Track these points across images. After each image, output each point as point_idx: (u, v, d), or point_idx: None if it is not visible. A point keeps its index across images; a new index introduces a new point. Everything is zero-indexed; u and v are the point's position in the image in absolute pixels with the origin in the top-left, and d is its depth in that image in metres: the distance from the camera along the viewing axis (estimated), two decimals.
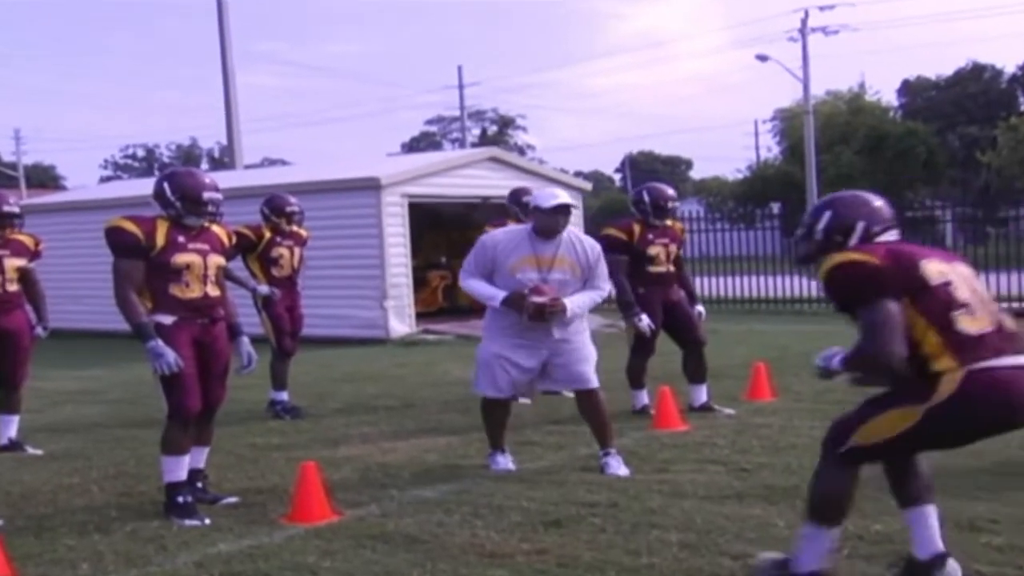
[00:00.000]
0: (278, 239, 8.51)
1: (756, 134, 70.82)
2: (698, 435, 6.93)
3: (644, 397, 7.92)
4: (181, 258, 5.13)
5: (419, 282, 16.90)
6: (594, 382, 5.95)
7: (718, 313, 19.07)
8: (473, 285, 5.85)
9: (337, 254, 15.00)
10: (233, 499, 5.49)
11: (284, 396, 8.47)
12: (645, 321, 7.63)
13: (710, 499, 5.20)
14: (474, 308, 17.98)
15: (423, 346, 14.24)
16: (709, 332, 10.02)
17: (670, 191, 7.93)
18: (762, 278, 19.63)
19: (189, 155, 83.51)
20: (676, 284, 7.95)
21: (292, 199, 8.70)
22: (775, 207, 34.25)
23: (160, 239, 5.10)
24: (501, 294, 5.74)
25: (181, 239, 5.16)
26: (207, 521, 5.07)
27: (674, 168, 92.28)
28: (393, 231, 15.03)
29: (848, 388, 3.85)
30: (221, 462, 6.51)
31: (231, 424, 8.06)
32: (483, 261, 5.83)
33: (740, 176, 56.87)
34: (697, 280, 20.30)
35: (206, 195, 5.20)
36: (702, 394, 7.94)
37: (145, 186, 21.94)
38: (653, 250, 7.78)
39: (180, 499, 5.12)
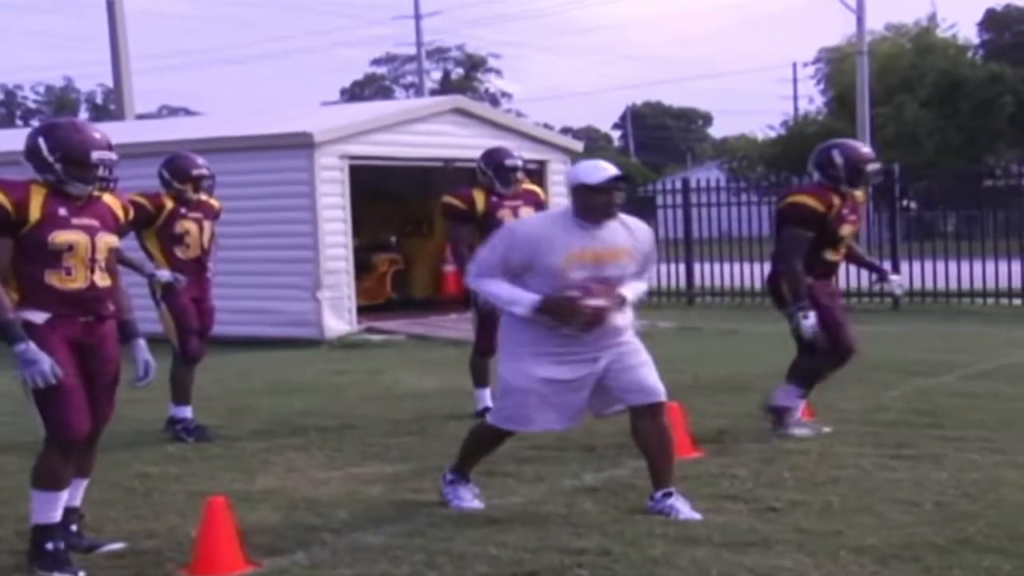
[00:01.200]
0: (183, 211, 8.52)
1: (794, 80, 71.24)
2: (714, 464, 6.97)
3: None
4: (61, 236, 5.01)
5: (362, 267, 16.92)
6: (663, 394, 5.88)
7: (740, 309, 19.22)
8: (492, 288, 5.75)
9: (258, 231, 15.01)
10: (117, 545, 5.50)
11: (187, 412, 8.51)
12: (812, 320, 7.75)
13: (728, 546, 5.23)
14: (433, 300, 18.08)
15: (366, 349, 14.27)
16: (728, 333, 10.22)
17: (867, 150, 8.27)
18: None
19: (62, 100, 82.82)
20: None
21: (200, 160, 8.72)
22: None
23: (34, 211, 4.99)
24: (532, 297, 5.62)
25: (62, 212, 5.03)
26: (82, 575, 5.06)
27: (688, 124, 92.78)
28: (329, 202, 15.04)
29: (905, 407, 3.92)
30: (103, 497, 6.49)
31: (116, 449, 8.02)
32: (513, 257, 5.67)
33: (772, 134, 57.06)
34: (716, 267, 20.49)
35: (95, 155, 5.08)
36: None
37: (11, 140, 21.97)
38: (846, 229, 7.96)
39: (50, 546, 5.11)
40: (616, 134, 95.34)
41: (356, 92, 79.48)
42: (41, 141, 5.13)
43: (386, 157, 15.87)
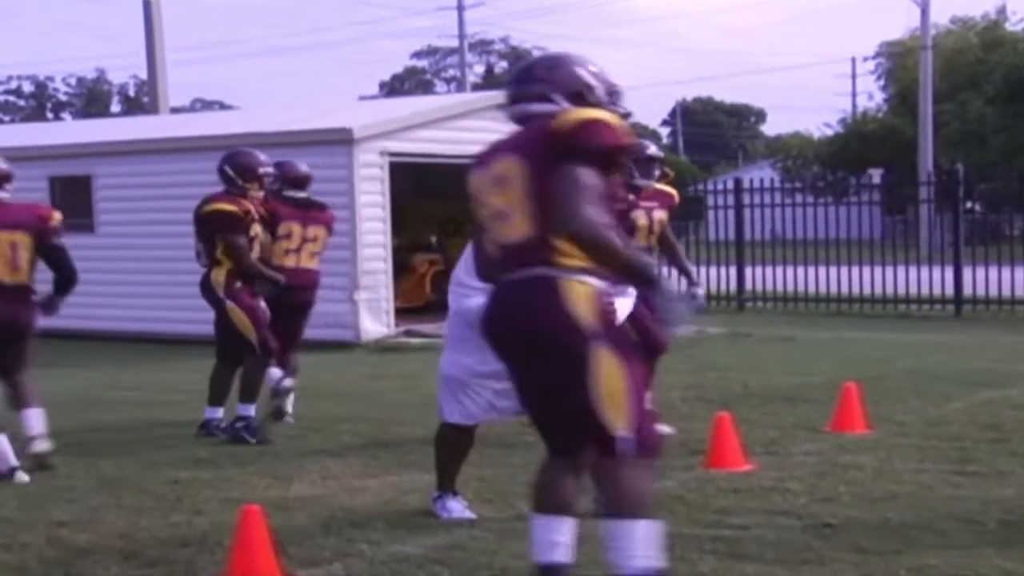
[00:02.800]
0: (253, 212, 8.73)
1: (853, 76, 70.68)
2: (766, 477, 6.95)
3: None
4: None
5: (401, 268, 16.98)
6: None
7: (795, 315, 19.12)
8: (478, 311, 5.82)
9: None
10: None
11: (252, 410, 8.58)
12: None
13: (781, 563, 5.21)
14: None
15: (405, 352, 14.30)
16: (783, 340, 10.13)
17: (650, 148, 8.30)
18: (856, 269, 19.65)
19: (94, 93, 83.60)
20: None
21: (263, 156, 8.82)
22: (875, 174, 34.28)
23: None
24: None
25: None
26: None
27: (741, 120, 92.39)
28: (368, 200, 15.10)
29: (968, 420, 3.91)
30: (133, 503, 6.56)
31: (146, 452, 8.14)
32: None
33: (829, 132, 56.72)
34: (769, 271, 20.40)
35: None
36: None
37: (32, 135, 21.97)
38: (640, 219, 8.11)
39: None
40: (664, 131, 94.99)
41: (395, 86, 79.72)
42: None
43: (427, 154, 15.88)
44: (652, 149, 8.24)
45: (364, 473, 7.38)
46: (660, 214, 8.30)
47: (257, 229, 8.73)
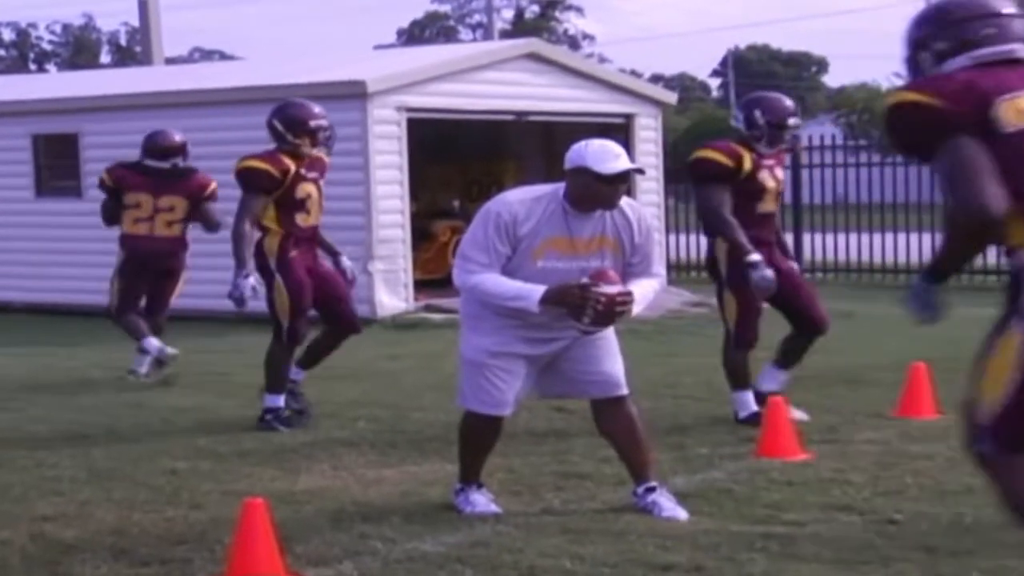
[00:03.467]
0: (302, 171, 8.59)
1: None
2: (824, 468, 6.95)
3: (751, 401, 8.21)
4: None
5: (421, 236, 17.00)
6: (625, 387, 6.16)
7: (857, 288, 19.08)
8: (487, 284, 5.81)
9: None
10: None
11: (281, 401, 8.61)
12: (770, 273, 8.00)
13: (840, 564, 5.21)
14: None
15: (424, 329, 14.33)
16: (844, 316, 10.05)
17: (790, 103, 8.53)
18: (928, 236, 19.53)
19: (81, 42, 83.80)
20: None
21: (317, 108, 8.75)
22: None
23: None
24: (536, 290, 5.73)
25: None
26: None
27: (800, 71, 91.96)
28: (384, 160, 15.12)
29: None
30: (125, 497, 6.61)
31: (140, 442, 8.19)
32: (500, 242, 5.81)
33: (899, 83, 56.28)
34: (829, 238, 20.33)
35: None
36: (776, 382, 8.40)
37: (13, 88, 22.07)
38: (767, 181, 8.32)
39: None
40: (715, 83, 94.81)
41: (415, 34, 79.69)
42: None
43: (449, 110, 15.90)
44: (792, 120, 8.39)
45: (380, 463, 7.41)
46: (781, 173, 8.56)
47: (309, 190, 8.59)
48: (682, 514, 5.95)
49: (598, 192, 5.82)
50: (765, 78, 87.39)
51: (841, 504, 6.18)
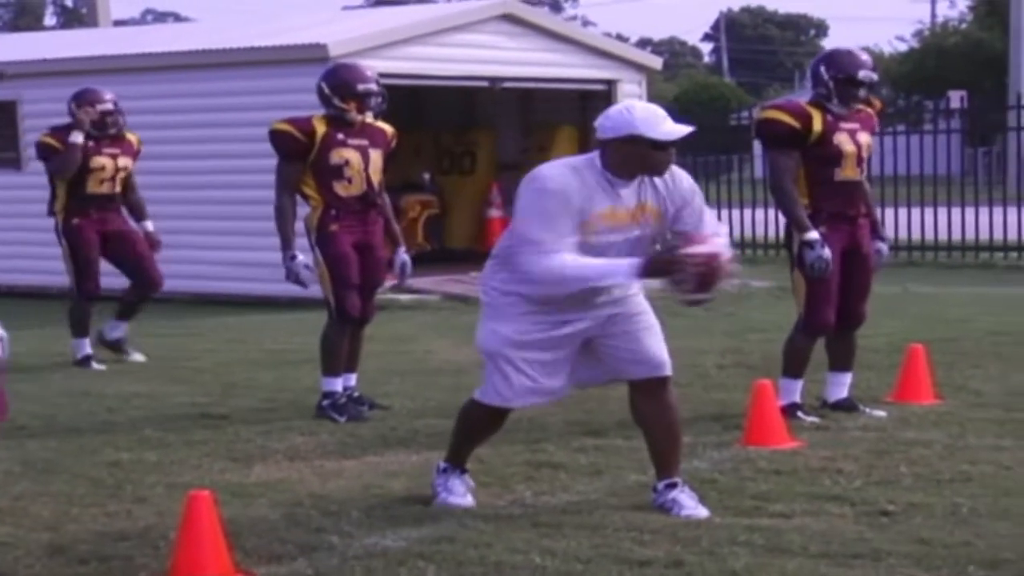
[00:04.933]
0: (340, 136, 8.54)
1: None
2: (814, 456, 6.97)
3: (799, 391, 8.15)
4: None
5: None
6: (669, 367, 6.03)
7: None
8: (568, 269, 5.66)
9: (258, 165, 14.95)
10: None
11: (338, 385, 8.57)
12: (826, 253, 7.84)
13: (828, 558, 5.23)
14: (474, 252, 18.12)
15: (391, 311, 14.29)
16: None
17: (866, 57, 8.26)
18: (930, 211, 19.62)
19: (24, 3, 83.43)
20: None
21: (368, 72, 8.72)
22: (956, 98, 34.07)
23: None
24: (630, 263, 5.63)
25: None
26: None
27: (797, 35, 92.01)
28: None
29: None
30: (64, 490, 6.60)
31: (82, 431, 8.17)
32: (568, 217, 5.66)
33: (902, 48, 56.45)
34: None
35: None
36: (843, 387, 8.26)
37: None
38: (844, 144, 8.04)
39: None
40: (706, 47, 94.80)
41: None
42: None
43: (418, 75, 15.87)
44: (862, 73, 8.09)
45: (339, 453, 7.42)
46: (866, 137, 8.24)
47: (348, 156, 8.53)
48: (703, 512, 5.86)
49: (652, 159, 5.72)
50: (760, 42, 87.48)
51: (831, 495, 6.19)
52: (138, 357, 11.10)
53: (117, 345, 11.22)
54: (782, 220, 8.41)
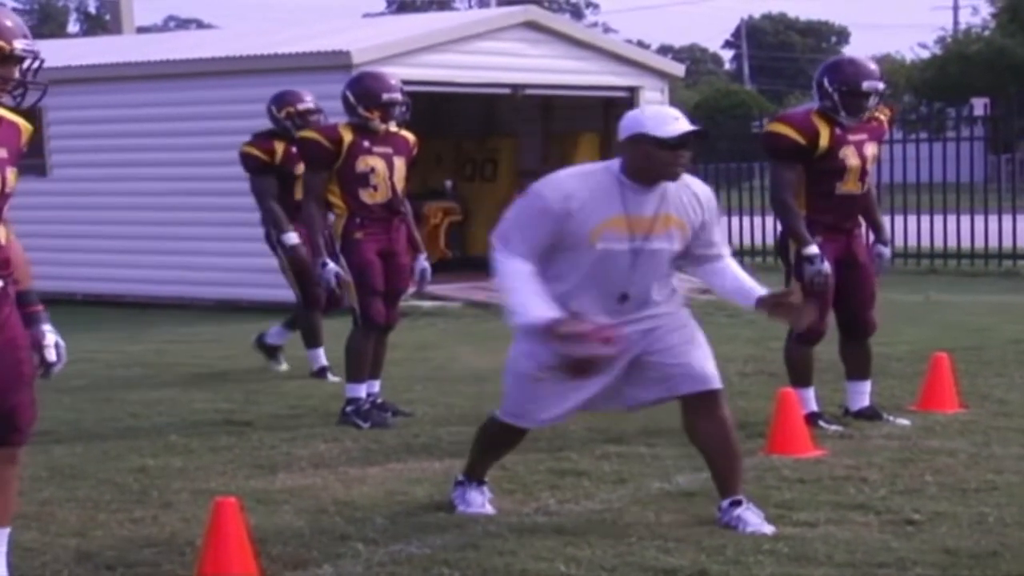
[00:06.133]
0: (366, 144, 8.59)
1: None
2: (838, 465, 6.96)
3: (813, 399, 8.12)
4: None
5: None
6: (719, 380, 5.91)
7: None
8: (507, 279, 5.62)
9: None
10: None
11: (362, 391, 8.60)
12: (826, 268, 7.83)
13: (854, 567, 5.23)
14: None
15: (414, 318, 14.31)
16: None
17: (873, 66, 8.16)
18: (953, 218, 19.56)
19: (47, 10, 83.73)
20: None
21: (393, 81, 8.75)
22: (979, 105, 33.98)
23: None
24: (542, 315, 5.44)
25: None
26: None
27: (819, 42, 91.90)
28: None
29: None
30: (90, 496, 6.63)
31: (107, 437, 8.19)
32: (543, 227, 5.62)
33: (925, 55, 56.36)
34: None
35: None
36: (863, 395, 8.24)
37: None
38: (849, 158, 7.99)
39: None
40: (727, 54, 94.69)
41: (406, 1, 79.57)
42: None
43: (441, 82, 15.89)
44: (867, 84, 7.94)
45: (363, 460, 7.43)
46: (872, 148, 8.16)
47: (374, 163, 8.56)
48: (768, 529, 5.73)
49: (659, 160, 5.62)
50: (781, 49, 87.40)
51: (856, 503, 6.19)
52: (283, 367, 10.85)
53: (272, 351, 10.89)
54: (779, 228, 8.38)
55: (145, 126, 16.19)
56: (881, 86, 8.03)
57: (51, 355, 5.07)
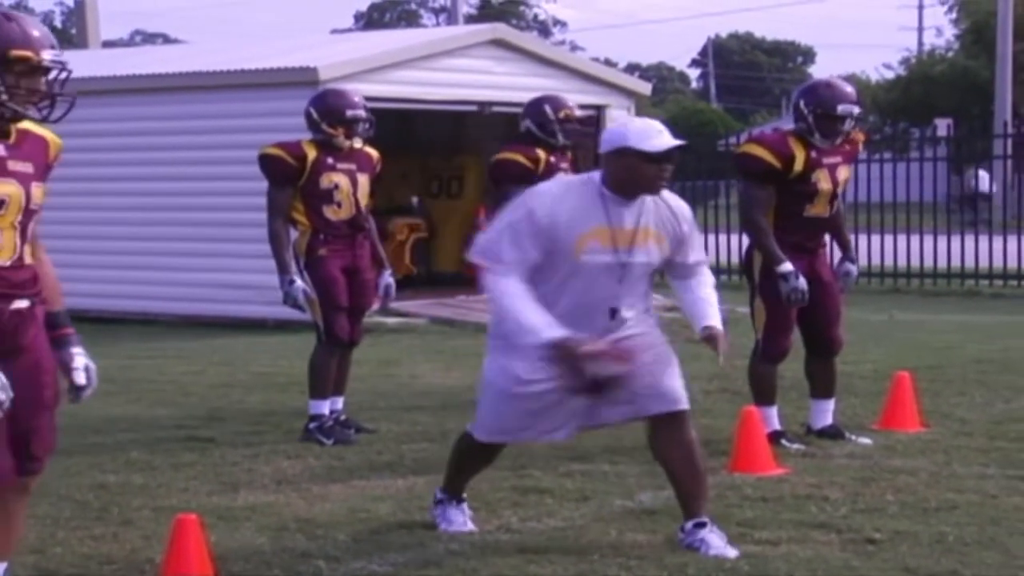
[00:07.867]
0: (330, 161, 8.58)
1: (919, 7, 70.59)
2: (800, 483, 6.98)
3: (776, 418, 8.11)
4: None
5: (377, 235, 16.94)
6: (686, 401, 5.88)
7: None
8: (503, 292, 5.55)
9: (247, 188, 14.97)
10: None
11: (325, 408, 8.56)
12: (802, 284, 7.81)
13: None
14: (462, 277, 18.13)
15: (379, 334, 14.29)
16: None
17: (849, 89, 8.15)
18: (916, 238, 19.67)
19: None
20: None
21: (356, 98, 8.75)
22: (942, 125, 34.23)
23: None
24: (550, 331, 5.39)
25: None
26: None
27: (784, 61, 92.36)
28: None
29: None
30: (49, 513, 6.57)
31: (66, 454, 8.09)
32: (533, 237, 5.56)
33: (889, 75, 56.68)
34: None
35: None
36: (826, 414, 8.25)
37: None
38: (821, 182, 8.00)
39: None
40: (694, 73, 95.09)
41: (374, 18, 79.71)
42: None
43: (407, 99, 15.90)
44: (841, 108, 7.93)
45: (326, 477, 7.41)
46: (845, 172, 8.20)
47: (337, 180, 8.53)
48: (731, 552, 5.67)
49: (643, 174, 5.61)
50: (747, 68, 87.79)
51: (817, 522, 6.20)
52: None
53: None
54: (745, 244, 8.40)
55: (109, 140, 16.12)
56: (856, 110, 8.03)
57: (80, 379, 4.92)
